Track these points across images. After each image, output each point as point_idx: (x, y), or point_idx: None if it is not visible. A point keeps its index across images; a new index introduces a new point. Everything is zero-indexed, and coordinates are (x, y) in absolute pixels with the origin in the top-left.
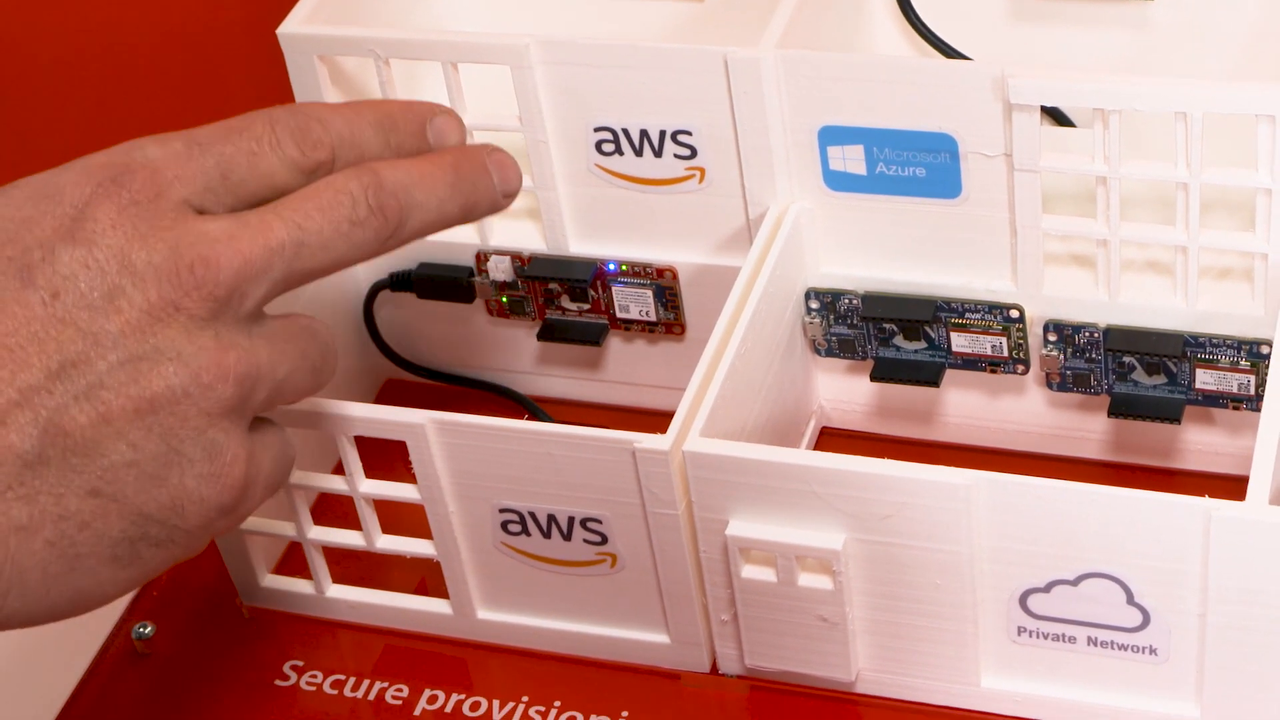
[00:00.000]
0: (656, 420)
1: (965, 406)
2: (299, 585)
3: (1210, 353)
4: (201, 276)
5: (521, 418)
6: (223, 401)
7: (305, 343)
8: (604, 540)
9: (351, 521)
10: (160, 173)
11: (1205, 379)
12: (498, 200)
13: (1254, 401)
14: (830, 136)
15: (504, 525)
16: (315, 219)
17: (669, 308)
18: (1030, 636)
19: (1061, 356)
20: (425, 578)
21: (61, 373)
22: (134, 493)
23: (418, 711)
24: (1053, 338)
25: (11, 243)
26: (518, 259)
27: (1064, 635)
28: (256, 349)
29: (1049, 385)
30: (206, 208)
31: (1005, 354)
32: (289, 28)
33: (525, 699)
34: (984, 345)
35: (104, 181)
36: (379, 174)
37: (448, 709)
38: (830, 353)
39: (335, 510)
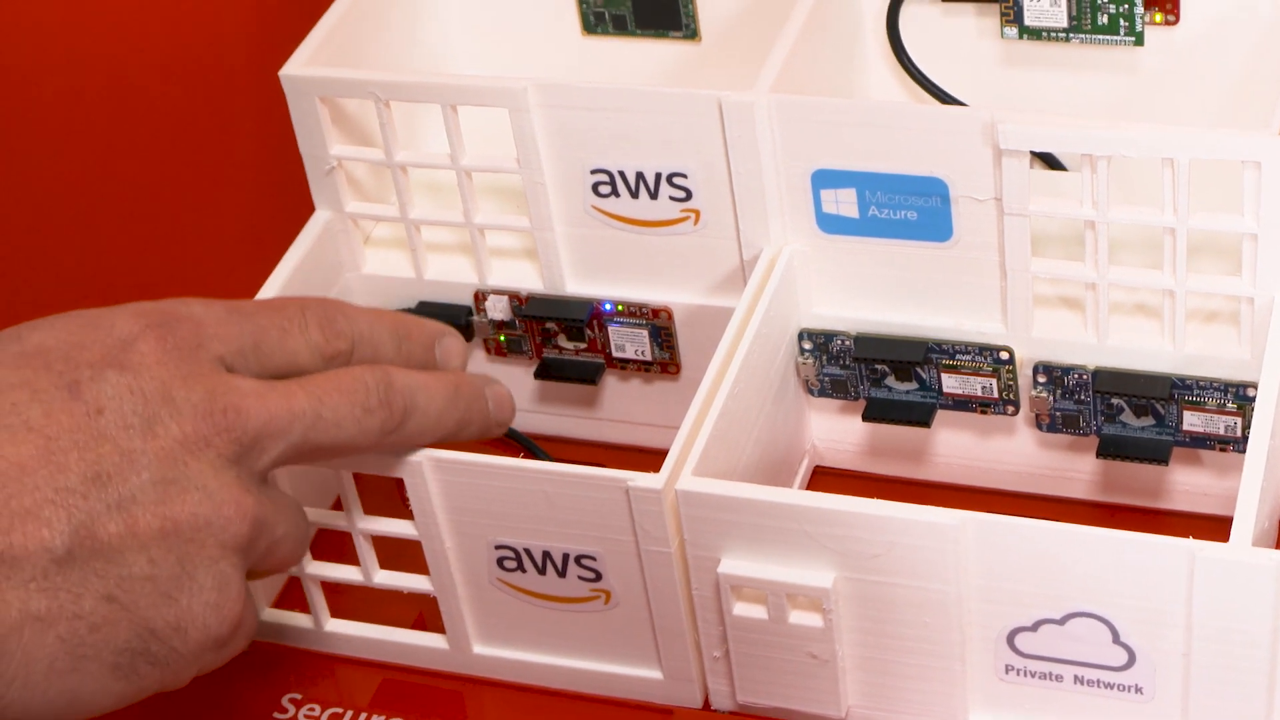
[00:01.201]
0: (652, 458)
1: (956, 447)
2: (298, 619)
3: (1197, 395)
4: (232, 421)
5: (518, 455)
6: (237, 538)
7: (299, 514)
8: (598, 577)
9: (350, 557)
10: (204, 327)
11: (1192, 421)
12: (490, 427)
13: (1240, 443)
14: (823, 180)
15: (499, 561)
16: (334, 397)
17: (664, 347)
18: (1018, 675)
19: (1051, 398)
20: (422, 613)
21: (97, 481)
22: (145, 606)
23: None
24: (1042, 379)
25: (64, 361)
26: (515, 298)
27: (1051, 674)
28: (266, 502)
29: (1038, 426)
30: (235, 368)
31: (995, 395)
32: (291, 69)
33: None
34: (974, 386)
35: (153, 324)
36: (390, 374)
37: None
38: (823, 393)
39: (334, 546)
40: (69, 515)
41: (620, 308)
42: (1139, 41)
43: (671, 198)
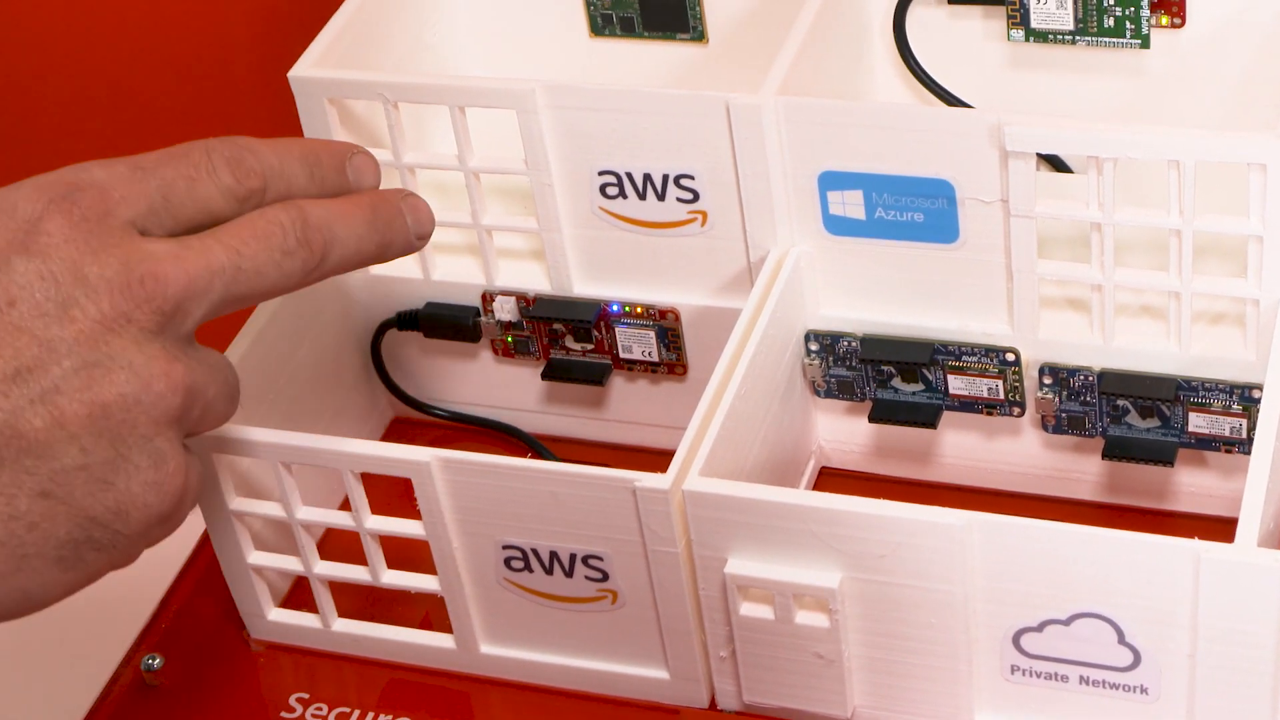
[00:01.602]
0: (658, 459)
1: (962, 448)
2: (305, 619)
3: (1203, 397)
4: (151, 290)
5: (525, 456)
6: (169, 411)
7: (226, 370)
8: (605, 577)
9: (357, 557)
10: (108, 193)
11: (1198, 422)
12: (412, 241)
13: (1245, 445)
14: (830, 181)
15: (507, 562)
16: (251, 246)
17: (671, 348)
18: (1023, 675)
19: (1056, 399)
20: (429, 612)
21: (17, 377)
22: (82, 496)
23: None
24: (1048, 381)
25: None
26: (523, 299)
27: (1056, 674)
28: (195, 366)
29: (1044, 427)
30: (149, 229)
31: (1001, 396)
32: (299, 71)
33: None
34: (980, 388)
35: (55, 198)
36: (305, 210)
37: None
38: (829, 394)
39: (341, 546)
40: None
41: (627, 309)
42: (1145, 44)
43: (679, 199)
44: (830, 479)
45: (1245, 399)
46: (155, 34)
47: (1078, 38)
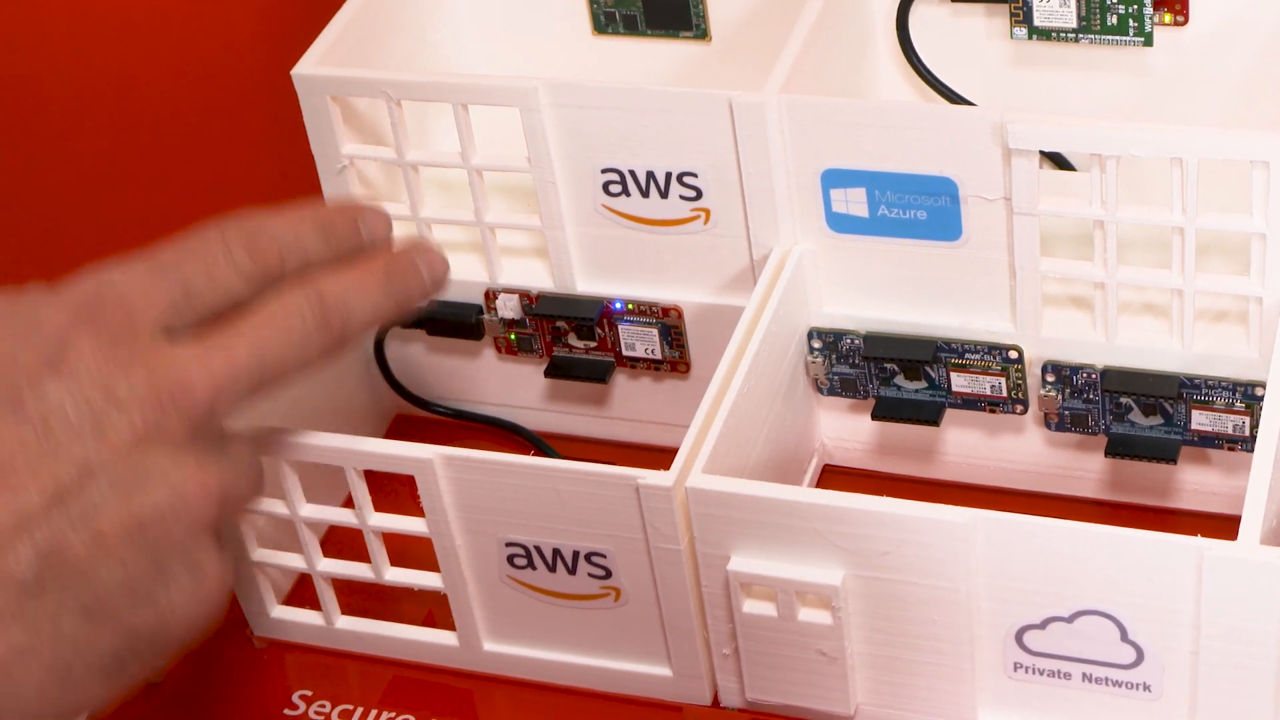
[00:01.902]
0: (661, 456)
1: (965, 445)
2: (308, 616)
3: (1206, 394)
4: (180, 401)
5: (528, 453)
6: (204, 519)
7: (254, 464)
8: (608, 574)
9: (360, 554)
10: (130, 300)
11: (1201, 420)
12: (428, 293)
13: (1248, 443)
14: (833, 179)
15: (510, 559)
16: (271, 339)
17: (674, 346)
18: (1026, 672)
19: (1059, 397)
20: (432, 610)
21: (57, 500)
22: (125, 611)
23: None
24: (1051, 378)
25: (1, 379)
26: (526, 297)
27: (1059, 671)
28: (225, 470)
29: (1047, 425)
30: (174, 325)
31: (1004, 394)
32: (303, 69)
33: None
34: (983, 385)
35: (80, 313)
36: (321, 290)
37: None
38: (832, 391)
39: (344, 543)
40: (33, 542)
41: (630, 306)
42: (1148, 42)
43: (682, 197)
44: (833, 476)
45: (1248, 397)
46: (158, 32)
47: (1081, 35)
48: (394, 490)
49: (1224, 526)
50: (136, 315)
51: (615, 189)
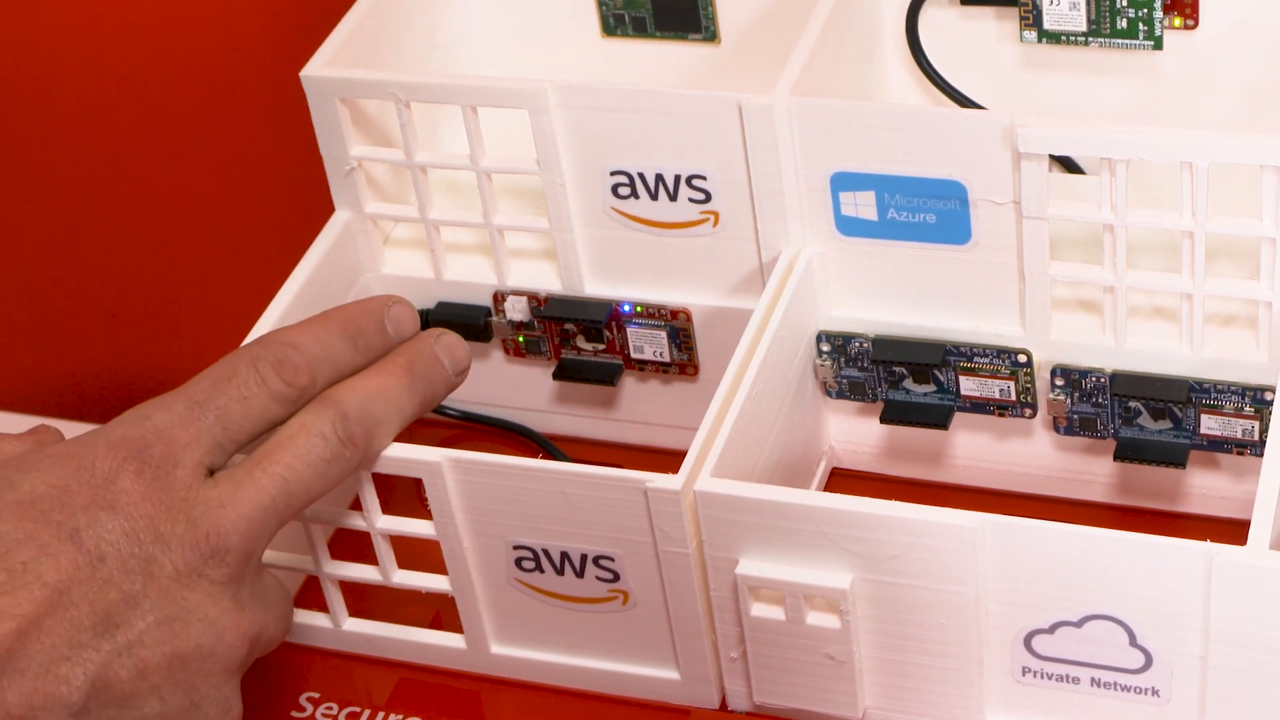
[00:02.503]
0: (669, 459)
1: (973, 449)
2: (316, 618)
3: (1215, 399)
4: (216, 546)
5: (537, 456)
6: (237, 659)
7: (284, 604)
8: (616, 578)
9: (368, 556)
10: (172, 441)
11: (1210, 424)
12: (452, 382)
13: (1257, 447)
14: (842, 182)
15: (518, 562)
16: (296, 467)
17: (682, 349)
18: (1034, 677)
19: (1068, 401)
20: (439, 612)
21: (107, 631)
22: None
23: None
24: (1060, 382)
25: (59, 509)
26: (534, 299)
27: (1068, 676)
28: (259, 612)
29: (1056, 429)
30: (214, 463)
31: (1013, 398)
32: (312, 70)
33: None
34: (992, 389)
35: (128, 456)
36: (342, 407)
37: None
38: (841, 395)
39: (352, 545)
40: (84, 670)
41: (639, 309)
42: (1158, 45)
43: (691, 199)
44: (841, 480)
45: (1257, 401)
46: (167, 33)
47: (1090, 39)
48: (402, 492)
49: (1233, 531)
50: (179, 455)
51: (624, 191)
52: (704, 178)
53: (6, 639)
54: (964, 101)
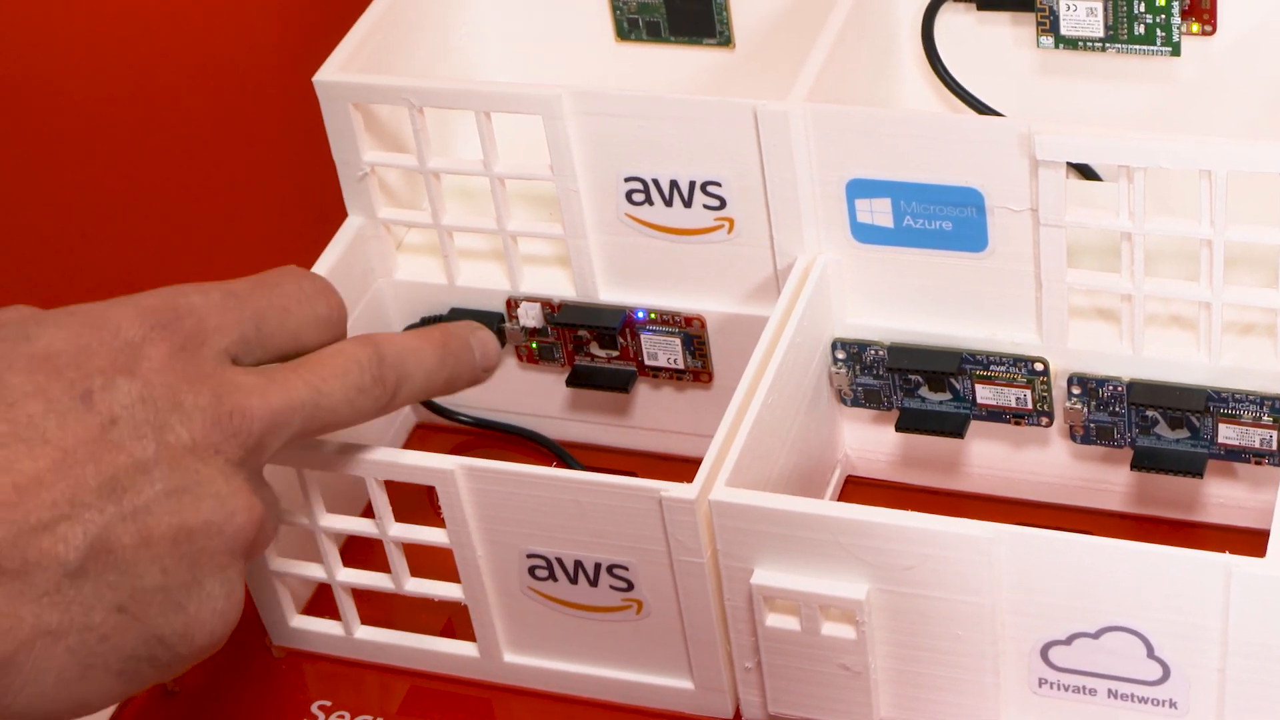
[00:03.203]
0: (683, 466)
1: (989, 458)
2: (327, 626)
3: (1233, 408)
4: (239, 425)
5: (550, 463)
6: (244, 542)
7: (279, 506)
8: (630, 587)
9: (380, 564)
10: (205, 320)
11: (1227, 434)
12: (478, 374)
13: (1276, 456)
14: (858, 189)
15: (531, 570)
16: (330, 383)
17: (696, 356)
18: (1051, 688)
19: (1085, 409)
20: (451, 619)
21: (112, 494)
22: (155, 615)
23: None
24: (1076, 391)
25: (74, 368)
26: (548, 306)
27: (1084, 687)
28: (266, 502)
29: (1072, 438)
30: (240, 358)
31: (1029, 406)
32: (325, 75)
33: None
34: (1008, 397)
35: (156, 325)
36: (380, 346)
37: None
38: (856, 403)
39: (364, 553)
40: (84, 529)
41: (653, 316)
42: (1175, 52)
43: (705, 206)
44: (856, 488)
45: (1276, 410)
46: (180, 37)
47: (1108, 45)
48: (414, 499)
49: (1251, 541)
50: (209, 335)
51: (638, 198)
52: (719, 184)
53: (2, 490)
54: (980, 108)
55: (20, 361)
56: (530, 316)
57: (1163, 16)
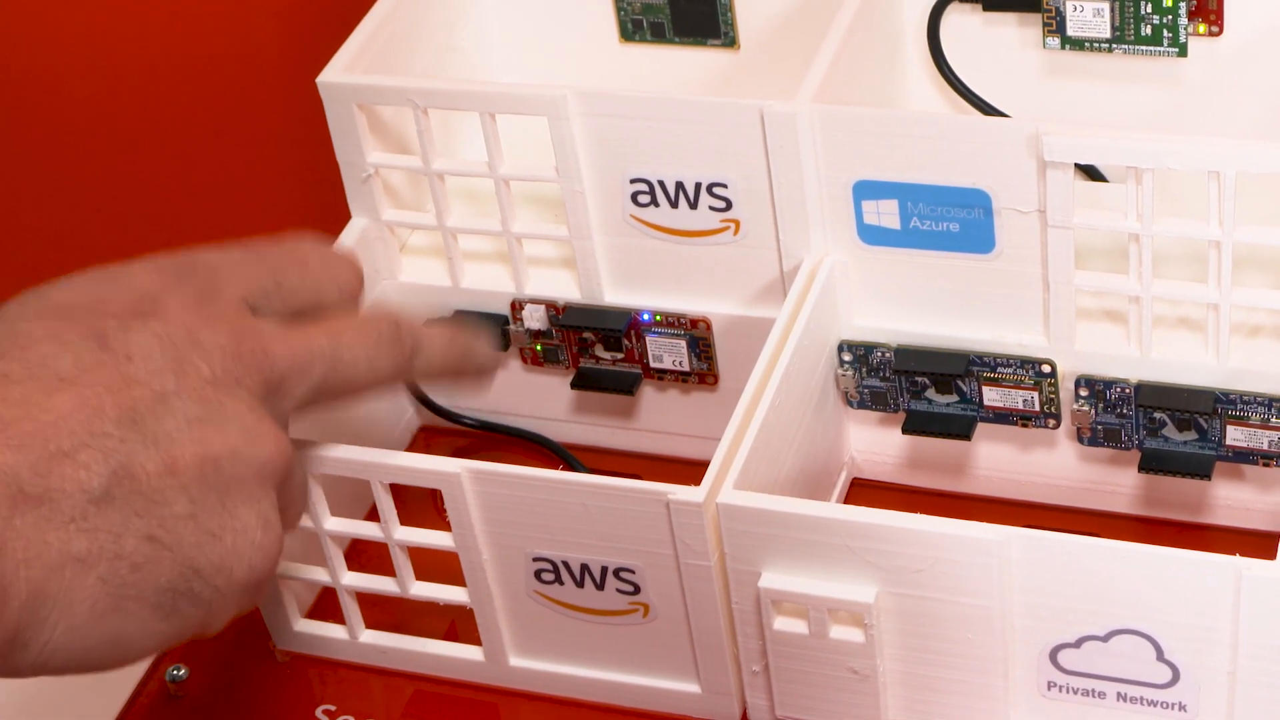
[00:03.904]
0: (688, 469)
1: (996, 460)
2: (332, 630)
3: (1241, 409)
4: (260, 362)
5: (555, 466)
6: (275, 474)
7: (307, 465)
8: (637, 590)
9: (385, 567)
10: (220, 272)
11: (1235, 435)
12: (479, 366)
13: None
14: (865, 191)
15: (537, 574)
16: (350, 337)
17: (702, 358)
18: (1060, 691)
19: (1093, 411)
20: (455, 623)
21: (133, 423)
22: (189, 545)
23: None
24: (1084, 393)
25: (89, 313)
26: (553, 308)
27: (1094, 690)
28: (293, 445)
29: (1080, 440)
30: (259, 308)
31: (1037, 408)
32: (328, 76)
33: None
34: (1016, 399)
35: (172, 277)
36: (396, 314)
37: None
38: (862, 405)
39: (368, 556)
40: (105, 456)
41: (658, 318)
42: (1182, 52)
43: (711, 208)
44: (862, 491)
45: None
46: (183, 39)
47: (1114, 46)
48: (420, 502)
49: (1259, 543)
50: (224, 285)
51: (644, 199)
52: (725, 185)
53: (20, 421)
54: (987, 109)
55: (33, 313)
56: (535, 318)
57: (1170, 17)
